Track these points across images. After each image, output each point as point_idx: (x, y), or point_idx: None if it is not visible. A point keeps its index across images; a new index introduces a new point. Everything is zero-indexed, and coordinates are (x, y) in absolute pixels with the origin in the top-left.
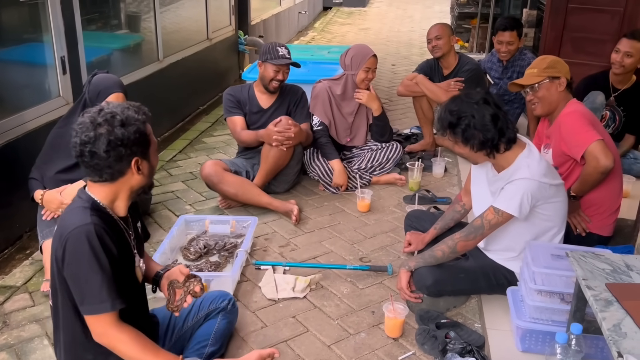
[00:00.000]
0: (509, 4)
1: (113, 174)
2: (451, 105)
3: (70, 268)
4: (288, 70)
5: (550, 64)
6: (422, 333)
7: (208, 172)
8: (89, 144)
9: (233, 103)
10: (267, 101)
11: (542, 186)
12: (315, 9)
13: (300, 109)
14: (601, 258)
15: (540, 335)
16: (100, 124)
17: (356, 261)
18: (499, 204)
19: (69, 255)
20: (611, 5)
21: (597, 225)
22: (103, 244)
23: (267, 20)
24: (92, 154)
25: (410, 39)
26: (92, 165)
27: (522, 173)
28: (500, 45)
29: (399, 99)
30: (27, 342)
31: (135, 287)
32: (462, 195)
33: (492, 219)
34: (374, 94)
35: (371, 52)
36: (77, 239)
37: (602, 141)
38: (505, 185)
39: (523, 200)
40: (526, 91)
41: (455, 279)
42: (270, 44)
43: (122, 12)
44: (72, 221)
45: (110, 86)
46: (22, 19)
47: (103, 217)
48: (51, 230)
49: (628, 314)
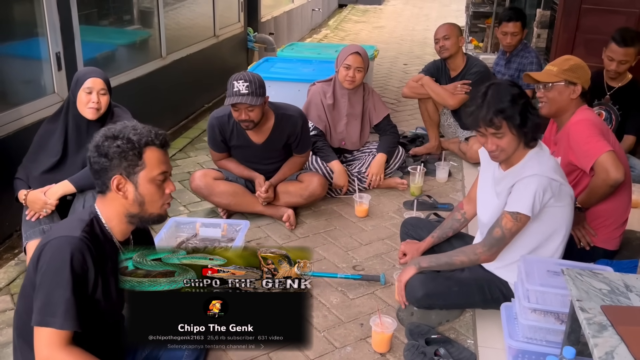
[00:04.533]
0: (525, 3)
1: (101, 185)
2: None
3: (40, 274)
4: (253, 109)
5: (572, 67)
6: (410, 349)
7: (197, 185)
8: (89, 150)
9: (215, 140)
10: (260, 137)
11: (552, 183)
12: (330, 7)
13: (302, 143)
14: (599, 277)
15: (533, 356)
16: (100, 133)
17: (349, 269)
18: (513, 207)
19: (42, 261)
20: (626, 7)
21: (603, 239)
22: (80, 261)
23: (279, 17)
24: (88, 159)
25: (425, 38)
26: (90, 170)
27: (531, 169)
28: (505, 36)
29: (407, 100)
30: (3, 347)
31: (114, 311)
32: (465, 203)
33: (512, 226)
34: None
35: (354, 49)
36: (57, 248)
37: (613, 152)
38: (515, 183)
39: (535, 198)
40: (538, 87)
41: (448, 292)
42: (232, 76)
43: (124, 7)
44: (61, 230)
45: (88, 72)
46: (17, 14)
47: (96, 235)
48: (35, 231)
49: (623, 341)
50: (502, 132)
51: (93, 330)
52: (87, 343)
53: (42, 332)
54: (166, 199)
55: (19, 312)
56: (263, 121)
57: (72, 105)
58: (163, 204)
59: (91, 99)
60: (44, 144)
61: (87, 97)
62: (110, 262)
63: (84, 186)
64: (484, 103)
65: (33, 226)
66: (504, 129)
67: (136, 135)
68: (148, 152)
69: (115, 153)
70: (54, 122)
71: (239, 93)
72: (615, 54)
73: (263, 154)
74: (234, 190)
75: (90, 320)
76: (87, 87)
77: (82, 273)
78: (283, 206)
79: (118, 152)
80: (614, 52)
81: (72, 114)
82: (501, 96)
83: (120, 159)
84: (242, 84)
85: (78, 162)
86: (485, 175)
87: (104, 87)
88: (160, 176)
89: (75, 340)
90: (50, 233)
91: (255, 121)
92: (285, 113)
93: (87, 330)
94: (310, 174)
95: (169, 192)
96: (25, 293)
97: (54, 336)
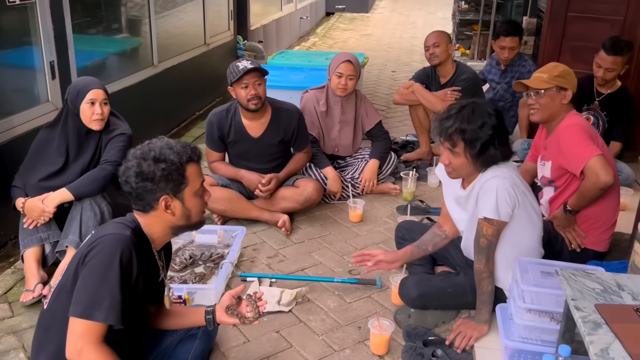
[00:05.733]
0: (511, 11)
1: (144, 206)
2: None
3: (87, 267)
4: (259, 81)
5: (561, 74)
6: (408, 351)
7: None
8: (124, 175)
9: (213, 137)
10: (257, 129)
11: (515, 183)
12: (317, 15)
13: (300, 139)
14: (592, 277)
15: (529, 355)
16: (136, 156)
17: (345, 274)
18: (484, 213)
19: (93, 255)
20: (611, 14)
21: (593, 241)
22: (129, 259)
23: (268, 25)
24: (125, 183)
25: (412, 45)
26: (128, 192)
27: (492, 173)
28: (503, 51)
29: (398, 106)
30: (2, 355)
31: (143, 314)
32: (442, 222)
33: (493, 231)
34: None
35: (345, 57)
36: (109, 243)
37: (603, 156)
38: (479, 191)
39: (498, 199)
40: (529, 94)
41: (442, 293)
42: (231, 64)
43: (116, 16)
44: (111, 229)
45: (89, 83)
46: (11, 23)
47: (140, 240)
48: (33, 239)
49: (617, 337)
50: (457, 151)
51: (123, 331)
52: (113, 341)
53: (79, 324)
54: (205, 206)
55: (54, 310)
56: (261, 112)
57: (72, 115)
58: (204, 211)
59: (95, 111)
60: (42, 153)
61: (90, 109)
62: (147, 267)
63: (82, 194)
64: (453, 116)
65: (31, 234)
66: (459, 149)
67: (176, 155)
68: (189, 169)
69: (162, 177)
70: (52, 130)
71: (246, 67)
72: (603, 61)
73: (260, 149)
74: (229, 196)
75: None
76: (89, 98)
77: (129, 271)
78: (279, 212)
79: (164, 175)
80: (602, 60)
81: (73, 123)
82: (473, 118)
83: (167, 181)
84: (246, 62)
85: (77, 170)
86: (448, 191)
87: (106, 97)
88: (202, 188)
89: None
90: (97, 231)
91: (263, 98)
92: (281, 107)
93: (121, 330)
94: (306, 180)
95: (208, 198)
96: (64, 292)
97: (92, 329)
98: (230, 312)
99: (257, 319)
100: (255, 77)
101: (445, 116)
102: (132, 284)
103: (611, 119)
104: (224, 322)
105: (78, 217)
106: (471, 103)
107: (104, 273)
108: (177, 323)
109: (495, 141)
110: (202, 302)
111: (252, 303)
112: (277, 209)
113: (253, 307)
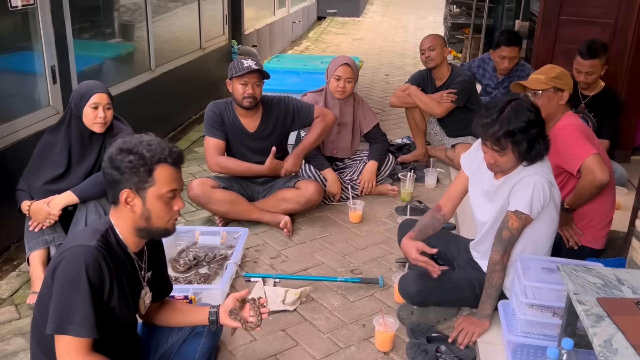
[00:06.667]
0: (502, 15)
1: (112, 196)
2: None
3: (57, 282)
4: (258, 82)
5: (558, 75)
6: (412, 347)
7: (195, 194)
8: (103, 160)
9: (216, 122)
10: (252, 124)
11: (551, 182)
12: (309, 19)
13: (297, 117)
14: (592, 272)
15: (531, 349)
16: (117, 145)
17: (347, 273)
18: (516, 206)
19: (59, 271)
20: (602, 18)
21: (590, 238)
22: (97, 269)
23: (261, 29)
24: (102, 169)
25: (404, 49)
26: (105, 181)
27: (532, 169)
28: (503, 60)
29: (392, 109)
30: (11, 356)
31: (129, 318)
32: (444, 203)
33: (519, 225)
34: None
35: (343, 60)
36: (74, 257)
37: (598, 155)
38: (516, 183)
39: (534, 196)
40: (527, 95)
41: (440, 289)
42: (236, 59)
43: (115, 21)
44: (77, 239)
45: (93, 87)
46: (12, 27)
47: (111, 244)
48: (38, 241)
49: (619, 329)
50: (505, 152)
51: (110, 336)
52: (105, 349)
53: (62, 340)
54: (173, 215)
55: (35, 320)
56: (254, 109)
57: (75, 119)
58: (170, 219)
59: (98, 114)
60: (46, 156)
61: (93, 112)
62: (126, 271)
63: (87, 197)
64: (498, 120)
65: (36, 237)
66: (508, 150)
67: (150, 151)
68: (159, 170)
69: (127, 168)
70: (55, 134)
71: (251, 67)
72: (581, 66)
73: (256, 144)
74: (231, 198)
75: (107, 327)
76: (93, 102)
77: (99, 281)
78: (280, 213)
79: (130, 167)
80: (580, 65)
81: (76, 127)
82: (517, 119)
83: (131, 174)
84: (251, 61)
85: (80, 173)
86: (475, 182)
87: (109, 101)
88: (169, 194)
89: (94, 346)
90: (67, 242)
91: (258, 99)
92: (269, 99)
93: (105, 337)
94: (307, 181)
95: (177, 209)
96: (42, 301)
97: (75, 344)
98: (233, 316)
99: (259, 326)
100: (257, 78)
101: (488, 120)
102: (107, 292)
103: (600, 119)
104: (226, 324)
105: (83, 219)
106: (509, 102)
107: (72, 288)
108: (181, 320)
109: (539, 137)
110: (208, 302)
111: (255, 309)
112: (278, 211)
113: (256, 312)
